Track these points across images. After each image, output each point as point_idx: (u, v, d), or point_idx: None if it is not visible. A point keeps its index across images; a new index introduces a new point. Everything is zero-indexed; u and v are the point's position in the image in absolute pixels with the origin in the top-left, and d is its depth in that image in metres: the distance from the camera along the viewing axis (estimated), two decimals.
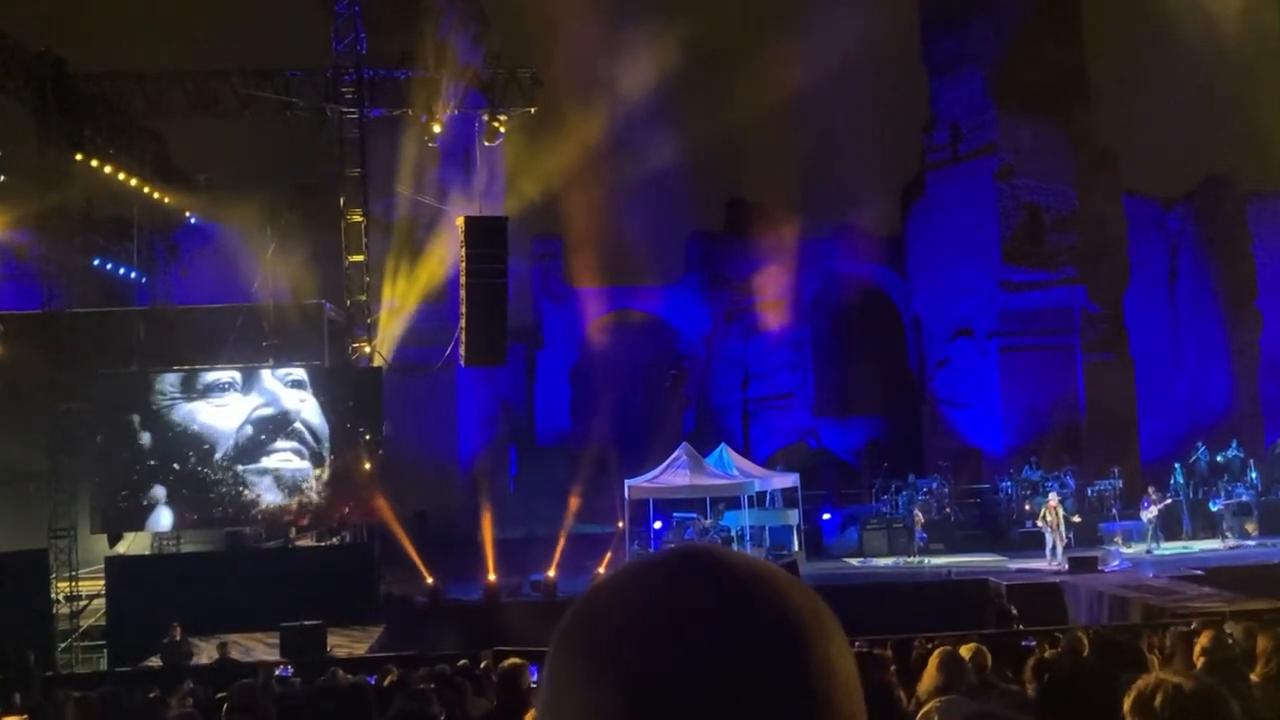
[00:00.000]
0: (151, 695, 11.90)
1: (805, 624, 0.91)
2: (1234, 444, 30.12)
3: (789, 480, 28.97)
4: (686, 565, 0.94)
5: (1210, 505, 27.81)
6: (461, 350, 25.32)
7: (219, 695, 10.71)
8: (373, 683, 11.51)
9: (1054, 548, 25.06)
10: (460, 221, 25.32)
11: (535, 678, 9.47)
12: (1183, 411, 35.64)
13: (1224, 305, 36.45)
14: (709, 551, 0.96)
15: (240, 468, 23.96)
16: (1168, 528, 27.22)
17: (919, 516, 28.01)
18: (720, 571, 0.93)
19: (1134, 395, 34.22)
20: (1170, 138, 37.69)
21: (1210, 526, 27.77)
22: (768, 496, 28.78)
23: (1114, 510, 28.30)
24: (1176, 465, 29.19)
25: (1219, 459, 29.79)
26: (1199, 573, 22.51)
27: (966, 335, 34.65)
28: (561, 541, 25.60)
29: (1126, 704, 2.68)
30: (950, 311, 34.93)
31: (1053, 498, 25.99)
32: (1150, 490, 26.91)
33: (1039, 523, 25.74)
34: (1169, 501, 27.14)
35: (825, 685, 0.89)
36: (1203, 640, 6.72)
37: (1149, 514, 26.40)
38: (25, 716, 8.27)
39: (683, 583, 0.92)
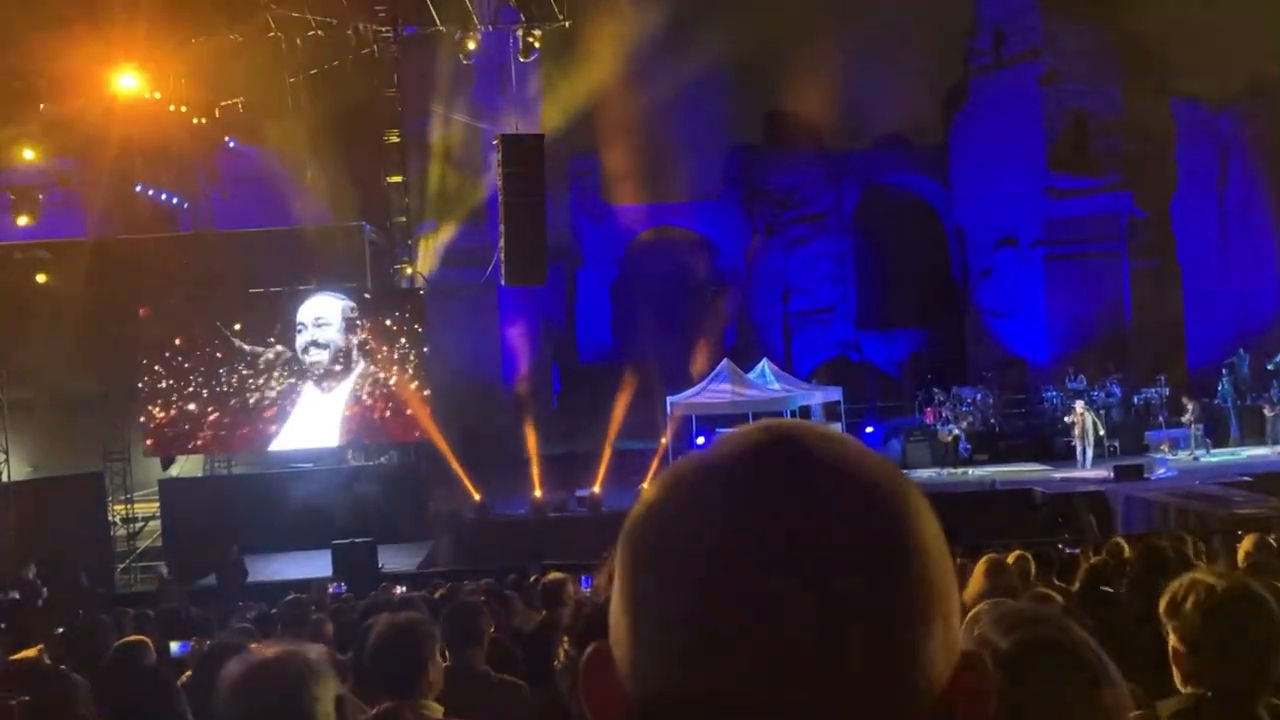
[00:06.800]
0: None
1: (895, 490, 0.85)
2: None
3: (831, 394, 28.94)
4: (768, 443, 0.85)
5: (1265, 411, 27.64)
6: (502, 270, 25.36)
7: (272, 610, 10.98)
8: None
9: (1083, 453, 25.49)
10: (497, 140, 25.21)
11: (585, 587, 9.62)
12: (1231, 317, 35.09)
13: (1275, 209, 35.67)
14: (793, 430, 0.87)
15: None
16: (1215, 434, 27.05)
17: (952, 431, 27.97)
18: (805, 453, 0.84)
19: (1181, 302, 33.77)
20: (1221, 38, 36.60)
21: (1259, 432, 27.57)
22: (810, 410, 28.81)
23: (1160, 418, 28.12)
24: (1224, 370, 28.89)
25: (1268, 366, 29.38)
26: (1246, 479, 22.38)
27: (1010, 244, 34.20)
28: (605, 457, 25.81)
29: (1161, 606, 2.68)
30: (994, 220, 34.45)
31: (1079, 405, 26.34)
32: (1184, 399, 26.81)
33: (1073, 427, 26.29)
34: (1202, 403, 27.01)
35: (920, 544, 0.83)
36: (1246, 544, 6.72)
37: (1186, 420, 26.45)
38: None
39: (763, 466, 0.83)
